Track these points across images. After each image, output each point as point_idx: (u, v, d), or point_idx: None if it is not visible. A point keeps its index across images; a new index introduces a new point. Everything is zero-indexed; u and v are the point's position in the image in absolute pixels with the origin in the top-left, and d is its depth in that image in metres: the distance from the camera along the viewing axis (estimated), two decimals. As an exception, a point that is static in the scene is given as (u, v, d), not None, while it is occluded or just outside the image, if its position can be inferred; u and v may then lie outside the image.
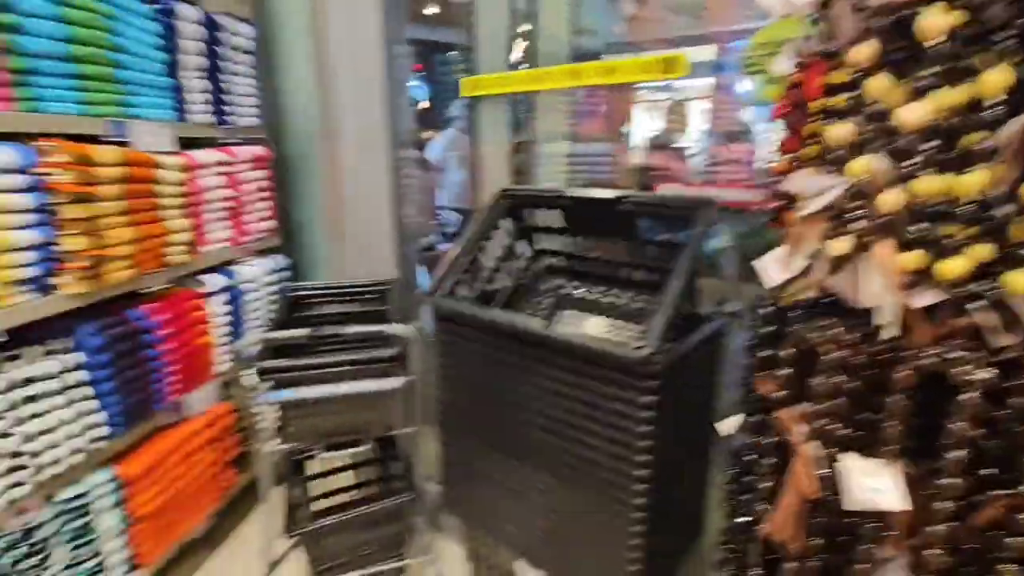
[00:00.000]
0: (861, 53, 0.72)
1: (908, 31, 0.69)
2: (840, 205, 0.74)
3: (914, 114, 0.69)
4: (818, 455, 0.76)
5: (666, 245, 1.35)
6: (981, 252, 0.67)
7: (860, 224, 0.73)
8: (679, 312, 1.07)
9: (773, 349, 0.86)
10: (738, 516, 0.94)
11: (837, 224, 0.75)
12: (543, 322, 1.16)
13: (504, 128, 1.67)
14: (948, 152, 0.69)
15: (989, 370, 0.67)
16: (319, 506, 1.86)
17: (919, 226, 0.71)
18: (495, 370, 1.26)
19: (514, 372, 1.23)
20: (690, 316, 1.27)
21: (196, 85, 1.76)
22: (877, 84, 0.73)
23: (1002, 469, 0.70)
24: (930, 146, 0.70)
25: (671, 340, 1.03)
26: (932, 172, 0.70)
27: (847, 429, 0.76)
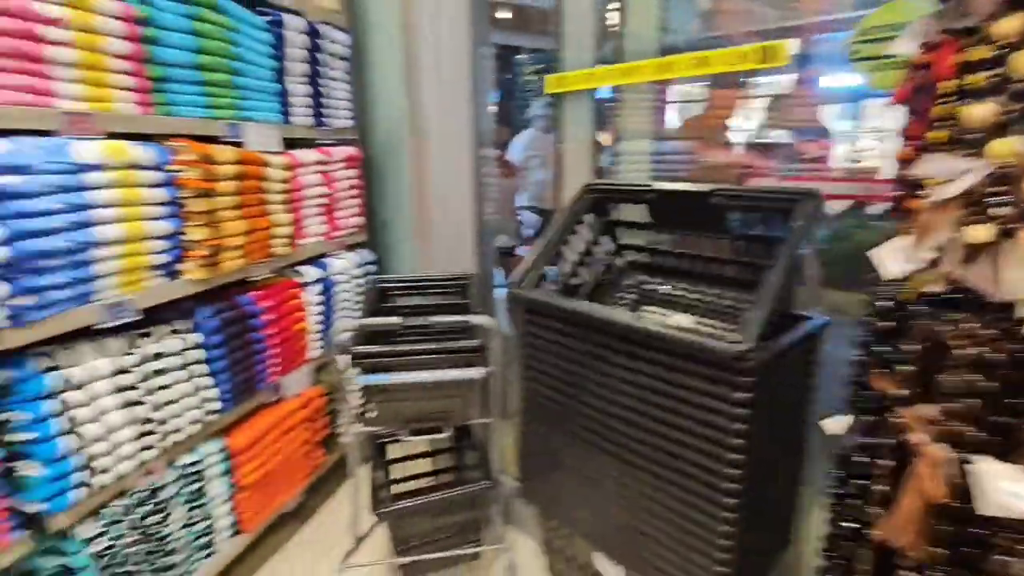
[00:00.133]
0: (1009, 26, 0.67)
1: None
2: (979, 190, 0.69)
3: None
4: (946, 457, 0.72)
5: (759, 240, 1.31)
6: None
7: (1003, 210, 0.68)
8: (776, 309, 1.03)
9: (891, 345, 0.81)
10: (845, 520, 0.89)
11: (975, 211, 0.70)
12: (632, 313, 1.16)
13: (587, 126, 1.67)
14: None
15: None
16: (397, 489, 1.94)
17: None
18: (579, 362, 1.27)
19: (599, 364, 1.23)
20: (784, 315, 1.22)
21: (299, 90, 1.90)
22: (1025, 60, 0.67)
23: None
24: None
25: (767, 337, 1.00)
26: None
27: (980, 432, 0.71)
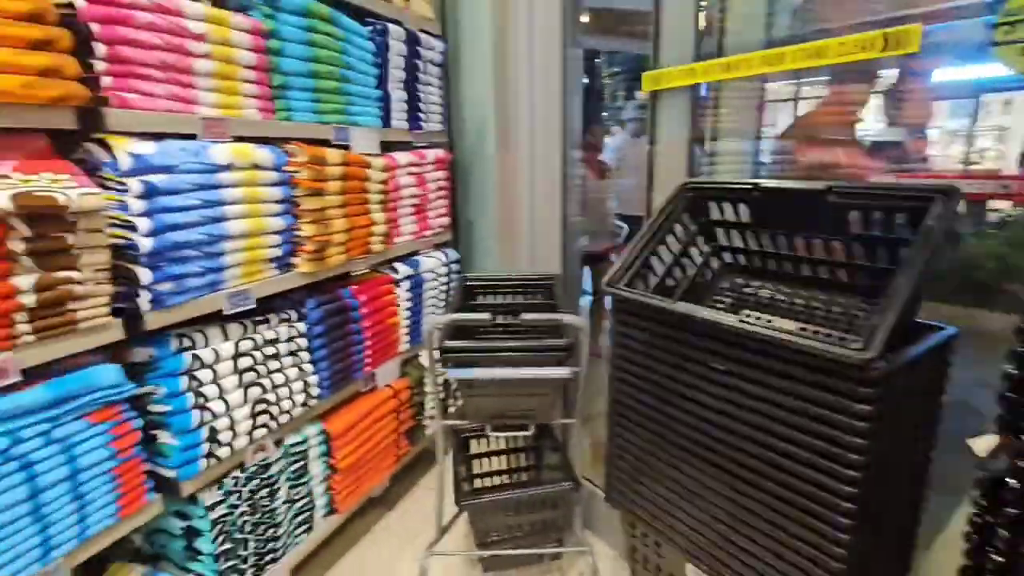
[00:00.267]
0: None
1: None
2: None
3: None
4: None
5: (877, 243, 1.21)
6: None
7: None
8: (904, 316, 0.95)
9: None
10: (991, 553, 0.80)
11: None
12: (736, 316, 1.11)
13: (683, 126, 1.62)
14: None
15: None
16: (479, 484, 1.98)
17: None
18: (678, 365, 1.23)
19: (697, 367, 1.19)
20: (910, 324, 1.12)
21: (398, 95, 2.00)
22: None
23: None
24: None
25: (892, 347, 0.92)
26: None
27: None
